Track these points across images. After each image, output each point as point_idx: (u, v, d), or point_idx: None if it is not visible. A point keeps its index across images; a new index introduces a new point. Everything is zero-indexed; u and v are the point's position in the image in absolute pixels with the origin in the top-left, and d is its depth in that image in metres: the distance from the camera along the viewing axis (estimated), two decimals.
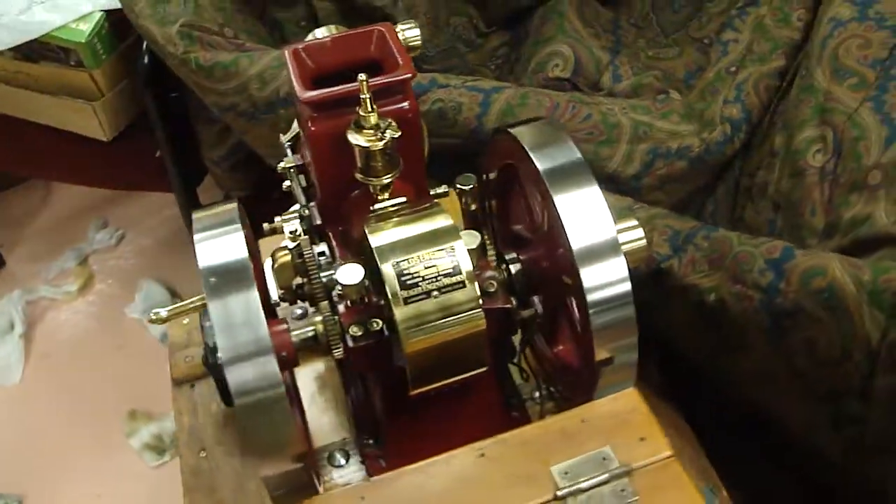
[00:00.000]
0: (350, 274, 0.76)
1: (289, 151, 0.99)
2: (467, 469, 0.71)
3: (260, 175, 1.50)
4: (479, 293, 0.75)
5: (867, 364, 0.81)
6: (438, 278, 0.75)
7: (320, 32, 0.94)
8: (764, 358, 0.89)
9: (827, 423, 0.87)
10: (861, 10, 1.13)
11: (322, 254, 0.87)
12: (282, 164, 0.97)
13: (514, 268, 0.82)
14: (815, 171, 1.04)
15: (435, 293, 0.75)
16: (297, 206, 0.96)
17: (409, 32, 0.88)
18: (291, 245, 0.86)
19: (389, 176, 0.82)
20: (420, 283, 0.75)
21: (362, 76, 0.77)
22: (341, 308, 0.80)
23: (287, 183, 0.98)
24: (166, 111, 1.45)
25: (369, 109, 0.79)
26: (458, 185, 0.84)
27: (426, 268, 0.75)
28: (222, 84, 1.25)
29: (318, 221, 0.89)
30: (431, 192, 0.88)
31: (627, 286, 0.72)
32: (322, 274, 0.83)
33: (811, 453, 0.96)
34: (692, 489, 0.67)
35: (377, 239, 0.76)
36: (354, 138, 0.80)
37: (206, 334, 1.00)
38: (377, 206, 0.81)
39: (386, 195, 0.83)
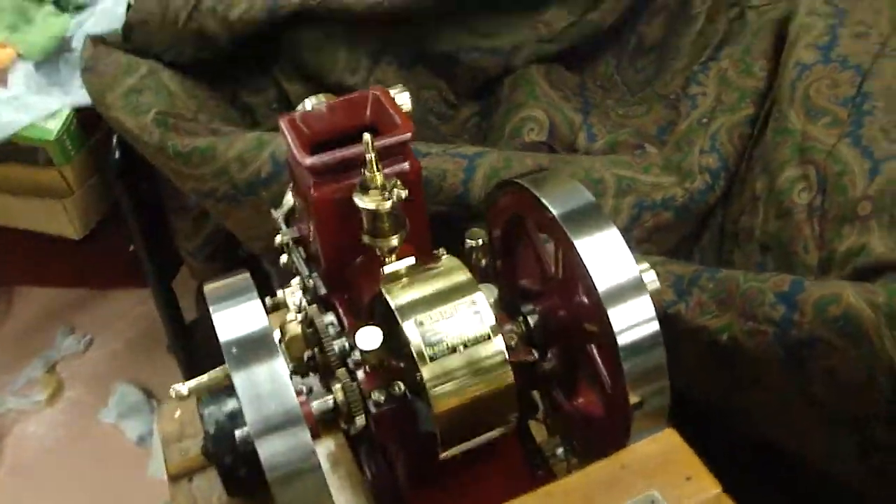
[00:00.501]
0: (369, 338, 0.74)
1: (283, 225, 0.98)
2: None
3: (237, 264, 1.48)
4: (504, 346, 0.74)
5: (891, 389, 0.81)
6: (462, 333, 0.73)
7: (310, 103, 0.94)
8: (781, 391, 0.89)
9: (852, 452, 0.87)
10: (824, 53, 1.17)
11: (331, 324, 0.85)
12: (278, 238, 0.96)
13: (531, 319, 0.81)
14: (802, 209, 1.06)
15: (460, 348, 0.73)
16: (297, 279, 0.95)
17: (400, 98, 0.88)
18: (298, 317, 0.84)
19: (397, 237, 0.81)
20: (444, 339, 0.73)
21: (367, 136, 0.77)
22: (360, 375, 0.78)
23: (284, 257, 0.97)
24: (139, 203, 1.43)
25: (375, 170, 0.78)
26: (469, 241, 0.83)
27: (449, 323, 0.73)
28: (201, 169, 1.24)
29: (323, 291, 0.87)
30: None
31: (656, 326, 0.71)
32: (334, 343, 0.81)
33: (830, 485, 0.95)
34: None
35: (395, 299, 0.75)
36: (361, 201, 0.79)
37: (206, 422, 0.97)
38: (387, 268, 0.80)
39: (393, 257, 0.82)
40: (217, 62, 1.39)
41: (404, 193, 0.80)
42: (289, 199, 1.01)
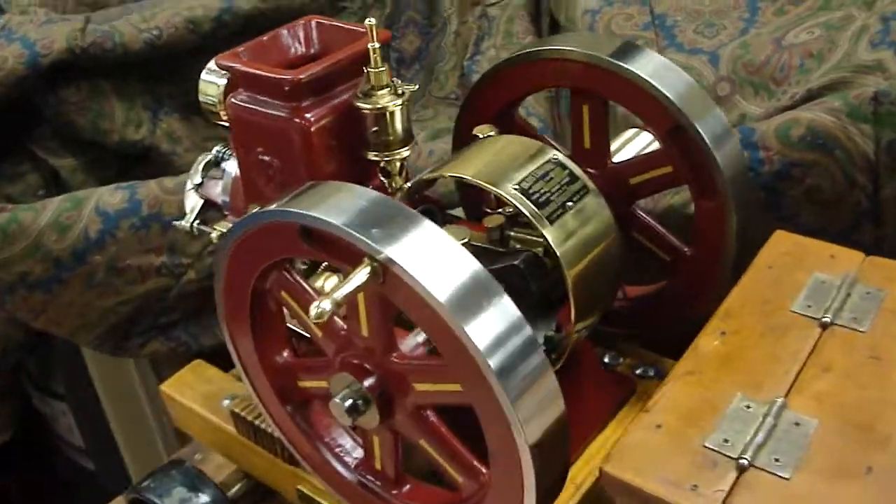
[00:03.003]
0: None
1: (203, 230, 0.81)
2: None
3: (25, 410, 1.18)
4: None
5: (871, 181, 0.86)
6: (563, 189, 0.65)
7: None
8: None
9: None
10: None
11: None
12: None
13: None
14: None
15: (569, 204, 0.64)
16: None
17: None
18: None
19: (408, 147, 0.70)
20: (551, 198, 0.64)
21: (371, 21, 0.66)
22: None
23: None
24: None
25: (380, 65, 0.68)
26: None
27: (546, 183, 0.65)
28: (4, 252, 0.98)
29: None
30: None
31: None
32: None
33: None
34: None
35: (478, 175, 0.64)
36: (370, 104, 0.67)
37: None
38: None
39: (403, 176, 0.71)
40: None
41: (414, 87, 0.70)
42: (195, 201, 0.84)
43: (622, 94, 0.70)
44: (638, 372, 0.79)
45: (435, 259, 0.51)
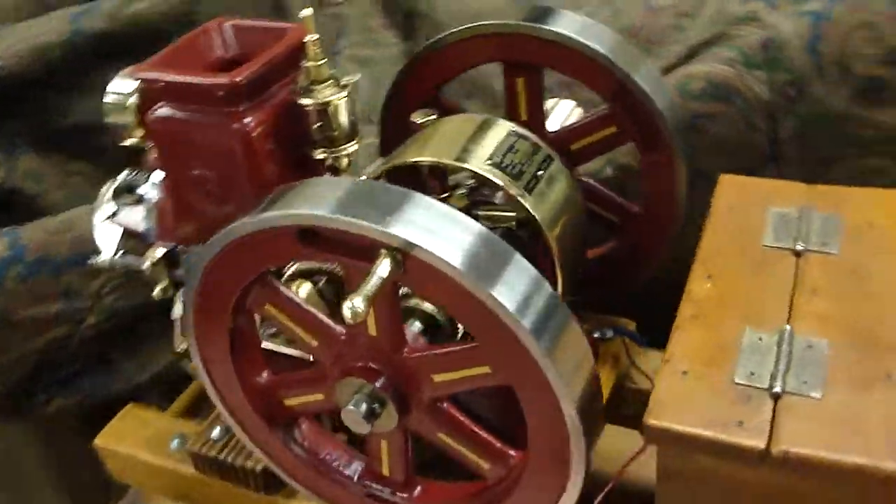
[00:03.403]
0: None
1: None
2: None
3: None
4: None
5: (769, 124, 0.91)
6: (531, 159, 0.64)
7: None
8: None
9: None
10: None
11: None
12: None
13: None
14: None
15: (540, 173, 0.64)
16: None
17: None
18: None
19: (356, 141, 0.68)
20: (524, 170, 0.63)
21: (307, 12, 0.63)
22: None
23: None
24: None
25: (320, 58, 0.65)
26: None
27: (515, 155, 0.64)
28: None
29: None
30: None
31: None
32: None
33: None
34: None
35: (443, 156, 0.63)
36: (314, 100, 0.65)
37: None
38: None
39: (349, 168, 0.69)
40: None
41: (356, 77, 0.67)
42: (111, 232, 0.77)
43: (561, 62, 0.71)
44: (596, 335, 0.80)
45: (449, 233, 0.50)
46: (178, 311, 0.74)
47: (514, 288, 0.49)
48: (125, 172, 0.79)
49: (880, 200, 0.67)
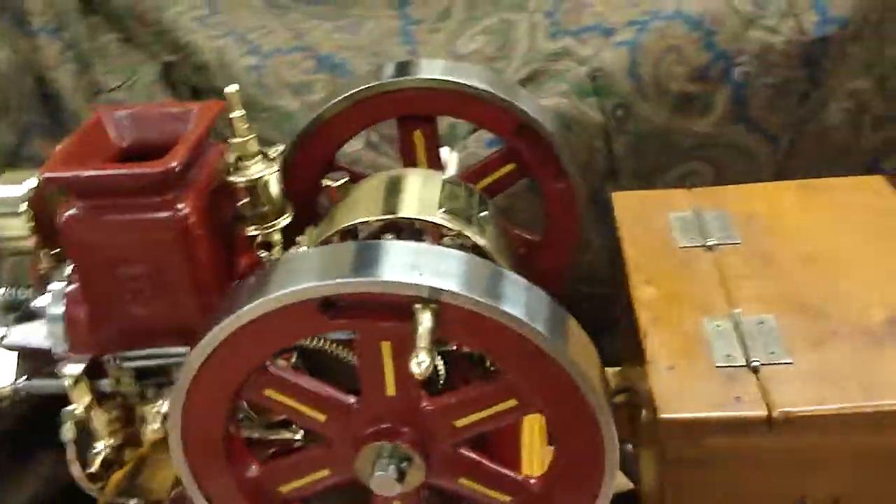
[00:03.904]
0: None
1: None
2: None
3: None
4: None
5: (605, 143, 1.00)
6: (470, 203, 0.67)
7: None
8: None
9: None
10: None
11: None
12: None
13: None
14: None
15: (482, 214, 0.67)
16: None
17: None
18: None
19: (287, 216, 0.67)
20: (470, 213, 0.66)
21: (232, 88, 0.62)
22: None
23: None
24: None
25: (246, 134, 0.64)
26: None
27: (457, 200, 0.66)
28: None
29: None
30: None
31: None
32: None
33: None
34: None
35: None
36: (243, 176, 0.64)
37: None
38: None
39: (279, 246, 0.68)
40: None
41: (281, 147, 0.67)
42: (5, 358, 0.70)
43: (460, 109, 0.74)
44: None
45: (469, 275, 0.51)
46: (69, 433, 0.68)
47: (538, 315, 0.52)
48: (4, 290, 0.72)
49: (752, 195, 0.78)
